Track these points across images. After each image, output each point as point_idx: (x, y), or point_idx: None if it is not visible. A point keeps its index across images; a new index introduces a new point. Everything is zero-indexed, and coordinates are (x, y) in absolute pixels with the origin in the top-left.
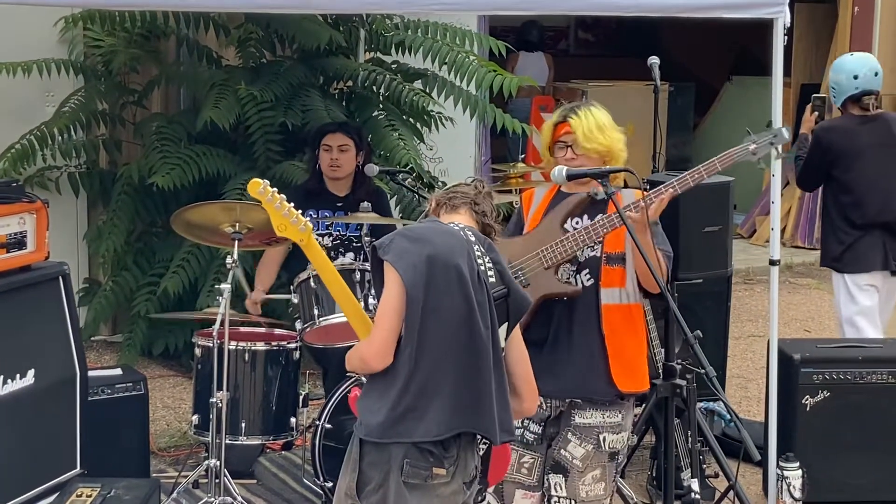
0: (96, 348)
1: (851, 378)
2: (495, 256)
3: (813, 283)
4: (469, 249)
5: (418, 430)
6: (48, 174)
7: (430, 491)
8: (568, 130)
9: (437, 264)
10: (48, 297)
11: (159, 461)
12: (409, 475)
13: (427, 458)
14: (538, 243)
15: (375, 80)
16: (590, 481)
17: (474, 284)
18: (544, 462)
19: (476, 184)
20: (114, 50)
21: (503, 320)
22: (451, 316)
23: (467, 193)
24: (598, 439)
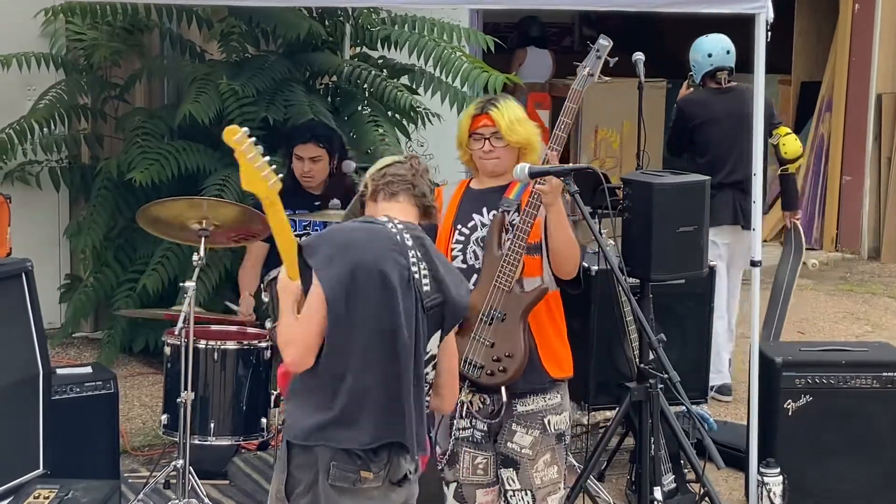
0: (77, 345)
1: (834, 382)
2: (432, 263)
3: (809, 285)
4: (402, 255)
5: (347, 438)
6: (29, 169)
7: (360, 494)
8: (487, 123)
9: (362, 274)
10: (10, 294)
11: (133, 460)
12: (336, 478)
13: (355, 461)
14: (489, 279)
15: (360, 75)
16: (542, 467)
17: (403, 292)
18: (496, 458)
19: (412, 162)
20: (96, 44)
21: (436, 328)
22: (374, 326)
23: (404, 176)
24: (543, 423)
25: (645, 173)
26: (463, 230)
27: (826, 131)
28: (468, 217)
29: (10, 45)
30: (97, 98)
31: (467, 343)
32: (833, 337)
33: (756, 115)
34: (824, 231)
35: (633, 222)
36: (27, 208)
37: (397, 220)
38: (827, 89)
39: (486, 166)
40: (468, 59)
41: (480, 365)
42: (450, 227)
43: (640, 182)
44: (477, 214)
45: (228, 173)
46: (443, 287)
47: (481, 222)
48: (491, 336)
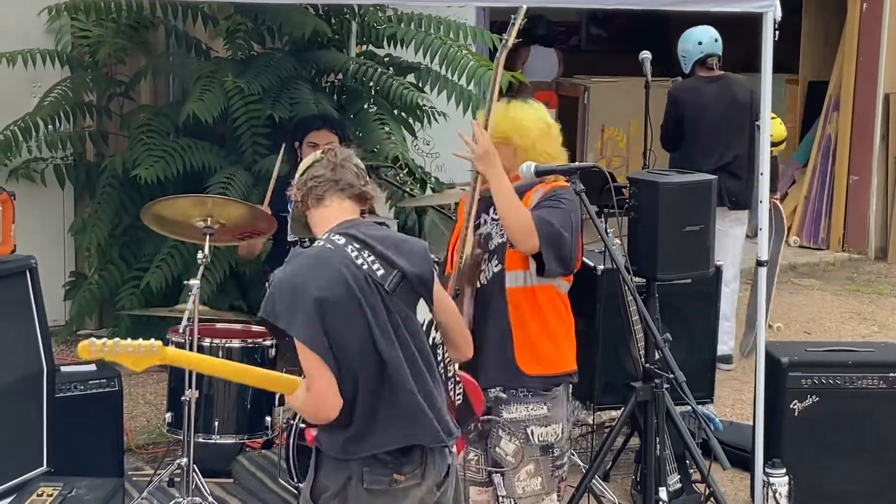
0: None
1: (841, 383)
2: (376, 246)
3: (816, 284)
4: (348, 262)
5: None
6: (34, 166)
7: (398, 494)
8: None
9: (325, 304)
10: (14, 292)
11: (137, 458)
12: (371, 482)
13: (386, 465)
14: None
15: (366, 73)
16: (524, 476)
17: (366, 297)
18: (486, 459)
19: (328, 156)
20: (101, 40)
21: (415, 299)
22: (363, 349)
23: (324, 175)
24: (527, 433)
25: (651, 172)
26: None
27: (833, 131)
28: (479, 216)
29: (15, 42)
30: (102, 95)
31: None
32: (839, 337)
33: (763, 114)
34: (831, 231)
35: (639, 222)
36: (32, 205)
37: (329, 230)
38: (834, 89)
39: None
40: (474, 57)
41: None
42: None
43: (646, 181)
44: (485, 214)
45: (233, 171)
46: (396, 264)
47: (485, 220)
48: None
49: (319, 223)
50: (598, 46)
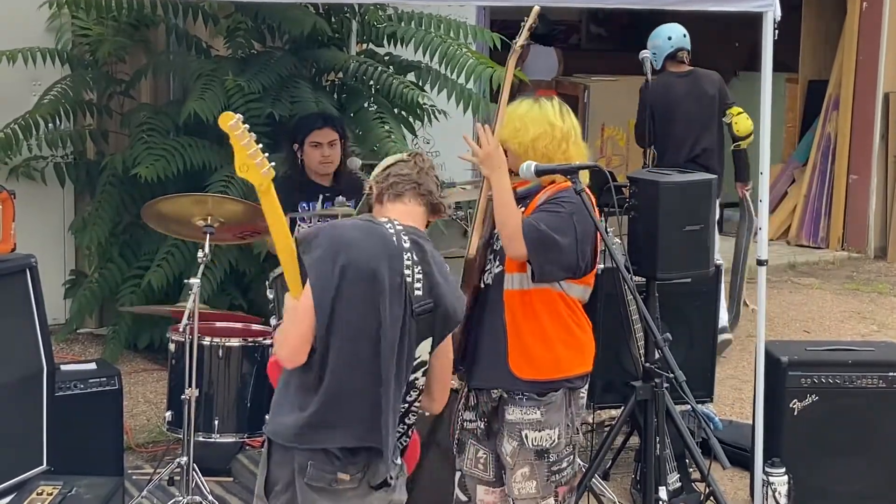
0: (82, 341)
1: (840, 382)
2: (429, 267)
3: (816, 283)
4: (397, 258)
5: (324, 438)
6: (34, 164)
7: (337, 495)
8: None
9: (350, 275)
10: (14, 291)
11: (137, 457)
12: (313, 478)
13: (332, 461)
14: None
15: (366, 71)
16: (520, 479)
17: (392, 295)
18: (497, 458)
19: (416, 159)
20: (101, 39)
21: (427, 334)
22: (359, 330)
23: (409, 176)
24: (521, 436)
25: (651, 172)
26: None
27: (833, 130)
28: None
29: (15, 40)
30: (102, 94)
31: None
32: (839, 336)
33: (763, 114)
34: (831, 230)
35: (639, 221)
36: (32, 204)
37: (398, 222)
38: (834, 88)
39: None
40: (474, 55)
41: None
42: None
43: (646, 181)
44: None
45: (234, 170)
46: (435, 293)
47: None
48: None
49: (389, 216)
50: (598, 45)
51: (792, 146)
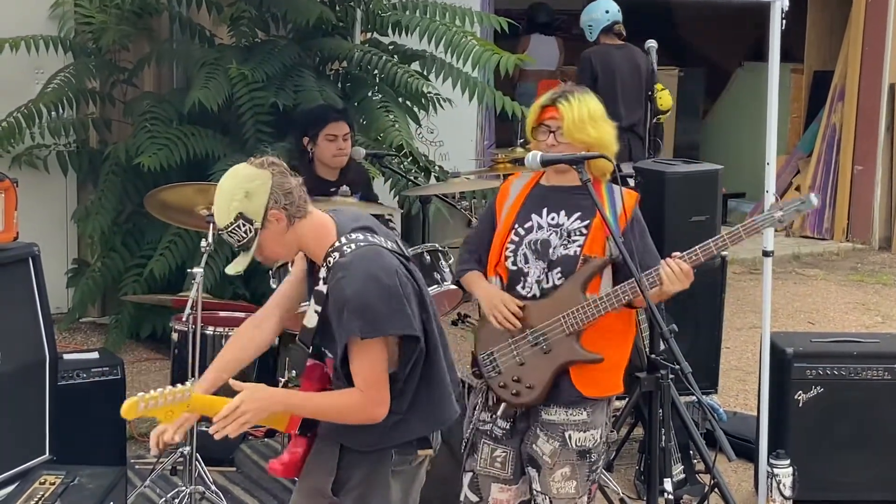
0: (84, 330)
1: (846, 374)
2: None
3: (820, 275)
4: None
5: (409, 431)
6: (37, 153)
7: (413, 473)
8: (554, 115)
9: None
10: (17, 279)
11: (139, 447)
12: (397, 463)
13: (412, 445)
14: (559, 306)
15: (371, 60)
16: (559, 479)
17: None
18: (518, 455)
19: (275, 167)
20: (104, 27)
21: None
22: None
23: (293, 184)
24: (564, 437)
25: (657, 162)
26: (519, 230)
27: (838, 121)
28: (527, 217)
29: (18, 29)
30: (105, 82)
31: (501, 335)
32: (843, 327)
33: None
34: (835, 221)
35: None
36: (35, 192)
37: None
38: (839, 79)
39: (554, 177)
40: (479, 42)
41: (500, 370)
42: (510, 227)
43: (652, 171)
44: (536, 215)
45: (238, 159)
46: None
47: (538, 224)
48: (525, 356)
49: (317, 233)
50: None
51: (797, 137)
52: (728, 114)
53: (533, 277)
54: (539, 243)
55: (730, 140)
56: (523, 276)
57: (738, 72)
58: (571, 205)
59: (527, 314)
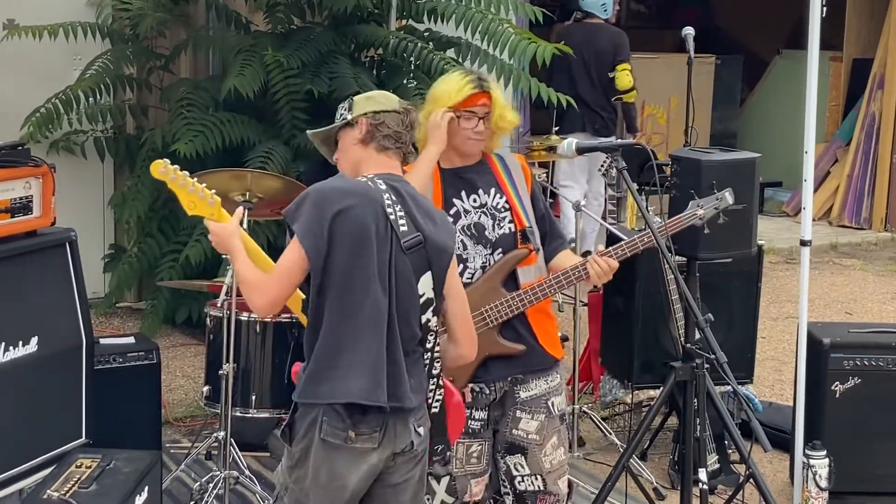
0: (120, 315)
1: (884, 365)
2: (407, 205)
3: (858, 265)
4: (378, 203)
5: (330, 393)
6: (74, 138)
7: (356, 455)
8: (486, 102)
9: (338, 228)
10: (54, 264)
11: (174, 431)
12: (328, 433)
13: (343, 419)
14: (479, 300)
15: (406, 47)
16: (550, 450)
17: (379, 242)
18: (493, 445)
19: (409, 117)
20: (141, 13)
21: (424, 269)
22: (354, 275)
23: (399, 134)
24: (548, 405)
25: (693, 150)
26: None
27: (878, 109)
28: (450, 204)
29: (56, 16)
30: (142, 68)
31: None
32: (881, 318)
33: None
34: (874, 211)
35: (680, 200)
36: (72, 178)
37: (372, 173)
38: (879, 66)
39: (470, 148)
40: (515, 30)
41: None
42: None
43: (688, 159)
44: (458, 200)
45: (273, 145)
46: (419, 225)
47: (463, 209)
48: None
49: (367, 163)
50: (639, 22)
51: (835, 125)
52: (766, 102)
53: (476, 263)
54: (473, 227)
55: (767, 128)
56: (463, 262)
57: (777, 59)
58: (484, 182)
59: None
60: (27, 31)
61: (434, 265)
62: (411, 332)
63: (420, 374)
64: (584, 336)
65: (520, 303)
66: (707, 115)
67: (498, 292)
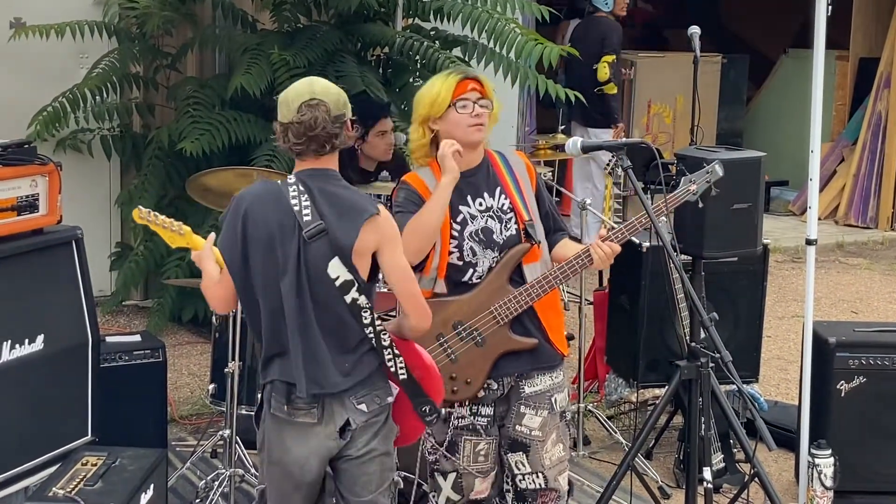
0: (127, 313)
1: (889, 364)
2: (316, 197)
3: (864, 264)
4: (285, 198)
5: (273, 372)
6: (81, 137)
7: (300, 430)
8: (476, 87)
9: (251, 231)
10: (60, 262)
11: (180, 429)
12: (275, 408)
13: (283, 394)
14: (487, 299)
15: (412, 46)
16: (550, 447)
17: (286, 237)
18: (498, 443)
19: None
20: (148, 12)
21: (332, 255)
22: (266, 273)
23: (305, 141)
24: (551, 402)
25: (699, 149)
26: (455, 227)
27: (884, 108)
28: (456, 210)
29: (63, 14)
30: (149, 67)
31: (430, 337)
32: (887, 317)
33: (815, 91)
34: (880, 210)
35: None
36: (78, 176)
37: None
38: (886, 66)
39: (473, 137)
40: (521, 30)
41: None
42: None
43: (694, 158)
44: (463, 206)
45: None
46: (323, 216)
47: (469, 214)
48: (458, 352)
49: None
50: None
51: (841, 124)
52: (772, 101)
53: (483, 266)
54: (481, 232)
55: (774, 128)
56: (472, 266)
57: (783, 59)
58: (489, 184)
59: (451, 310)
60: (34, 30)
61: (338, 252)
62: (334, 316)
63: (355, 354)
64: (590, 335)
65: (528, 297)
66: (713, 114)
67: (505, 290)
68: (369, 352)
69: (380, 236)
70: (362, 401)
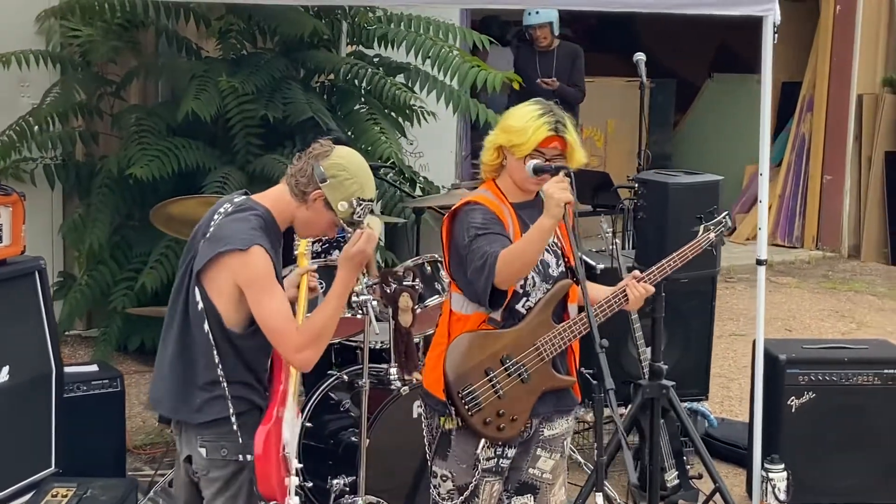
0: (70, 343)
1: (837, 379)
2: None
3: (793, 282)
4: (208, 221)
5: None
6: (23, 166)
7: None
8: (558, 147)
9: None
10: (24, 293)
11: (135, 459)
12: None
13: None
14: (532, 334)
15: (357, 73)
16: (557, 489)
17: (186, 255)
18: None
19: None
20: (92, 40)
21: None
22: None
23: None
24: (563, 445)
25: (659, 173)
26: None
27: (807, 131)
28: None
29: (5, 43)
30: (93, 95)
31: (479, 372)
32: (820, 334)
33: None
34: (805, 229)
35: (647, 222)
36: None
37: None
38: (808, 89)
39: (529, 188)
40: (463, 56)
41: (481, 406)
42: None
43: (655, 182)
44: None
45: (228, 171)
46: (205, 237)
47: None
48: (505, 388)
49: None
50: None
51: None
52: (697, 124)
53: (535, 297)
54: (541, 264)
55: (699, 150)
56: (527, 296)
57: (708, 82)
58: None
59: (500, 344)
60: None
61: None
62: (183, 332)
63: (211, 390)
64: None
65: (570, 334)
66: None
67: (548, 324)
68: (219, 399)
69: (234, 275)
70: (205, 446)
